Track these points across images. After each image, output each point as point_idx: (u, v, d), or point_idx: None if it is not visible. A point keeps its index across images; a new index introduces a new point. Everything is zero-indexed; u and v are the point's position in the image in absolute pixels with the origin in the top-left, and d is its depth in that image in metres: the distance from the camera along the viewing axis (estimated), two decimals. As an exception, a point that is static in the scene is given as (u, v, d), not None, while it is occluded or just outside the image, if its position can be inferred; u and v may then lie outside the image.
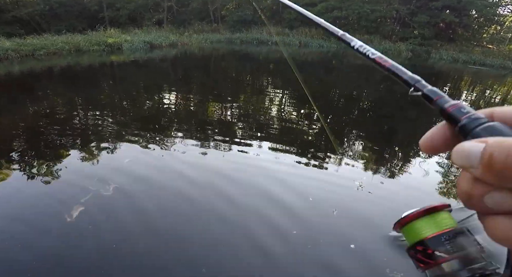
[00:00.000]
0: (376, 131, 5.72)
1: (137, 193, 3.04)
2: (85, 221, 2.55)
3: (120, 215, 2.69)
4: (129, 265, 2.17)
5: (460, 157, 0.18)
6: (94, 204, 2.78)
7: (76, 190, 3.03)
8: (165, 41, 16.72)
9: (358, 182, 3.25)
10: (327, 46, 20.47)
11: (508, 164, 0.15)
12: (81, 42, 14.08)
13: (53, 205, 2.82)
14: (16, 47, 12.04)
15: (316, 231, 2.48)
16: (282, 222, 2.57)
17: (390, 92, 9.44)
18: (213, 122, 5.56)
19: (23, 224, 2.54)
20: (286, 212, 2.71)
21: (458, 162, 0.18)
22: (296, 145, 4.61)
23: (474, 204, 0.18)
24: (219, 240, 2.38)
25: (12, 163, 3.65)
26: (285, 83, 10.11)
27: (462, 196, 0.19)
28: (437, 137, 0.22)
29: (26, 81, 8.59)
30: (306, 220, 2.62)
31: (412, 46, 20.15)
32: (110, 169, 3.57)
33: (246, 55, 15.91)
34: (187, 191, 3.11)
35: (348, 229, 2.50)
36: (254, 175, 3.50)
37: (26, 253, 2.20)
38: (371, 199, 2.97)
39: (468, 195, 0.18)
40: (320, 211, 2.74)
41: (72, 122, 5.27)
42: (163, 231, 2.52)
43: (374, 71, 13.77)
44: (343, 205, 2.85)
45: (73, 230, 2.46)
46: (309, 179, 3.45)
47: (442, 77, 13.24)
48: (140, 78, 9.68)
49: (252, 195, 3.05)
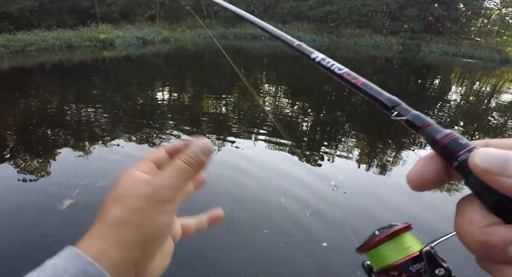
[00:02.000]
0: (355, 128, 5.88)
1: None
2: (75, 214, 2.57)
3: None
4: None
5: (487, 158, 0.15)
6: (85, 199, 2.77)
7: (67, 185, 3.02)
8: (158, 36, 16.61)
9: (334, 182, 3.20)
10: (320, 40, 20.62)
11: None
12: (73, 38, 13.91)
13: (43, 199, 2.84)
14: (5, 43, 11.85)
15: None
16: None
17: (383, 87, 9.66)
18: (206, 117, 5.65)
19: (15, 218, 2.57)
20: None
21: (484, 164, 0.15)
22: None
23: (492, 251, 0.14)
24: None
25: (2, 158, 3.63)
26: (278, 75, 10.24)
27: (476, 247, 0.15)
28: (428, 173, 0.19)
29: (17, 77, 8.52)
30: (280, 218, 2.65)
31: (402, 40, 20.44)
32: (101, 164, 3.54)
33: (240, 50, 15.96)
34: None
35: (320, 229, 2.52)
36: (240, 170, 3.55)
37: (17, 244, 2.25)
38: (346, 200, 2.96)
39: (486, 246, 0.14)
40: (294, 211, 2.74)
41: (64, 118, 5.21)
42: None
43: (365, 64, 14.00)
44: (315, 204, 2.81)
45: (64, 222, 2.49)
46: (291, 177, 3.60)
47: (432, 70, 13.53)
48: (133, 73, 9.69)
49: (235, 189, 3.09)
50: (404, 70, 12.74)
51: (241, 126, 5.16)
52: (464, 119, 6.24)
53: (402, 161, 4.06)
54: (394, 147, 4.60)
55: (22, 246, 2.25)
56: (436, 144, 0.19)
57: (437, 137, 0.19)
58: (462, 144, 0.18)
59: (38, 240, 2.31)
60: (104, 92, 7.27)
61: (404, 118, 0.22)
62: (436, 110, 6.99)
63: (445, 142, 0.19)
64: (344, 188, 3.11)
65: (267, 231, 2.45)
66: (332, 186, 3.16)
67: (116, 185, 0.29)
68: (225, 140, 4.40)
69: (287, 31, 23.05)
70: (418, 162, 0.20)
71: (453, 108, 7.18)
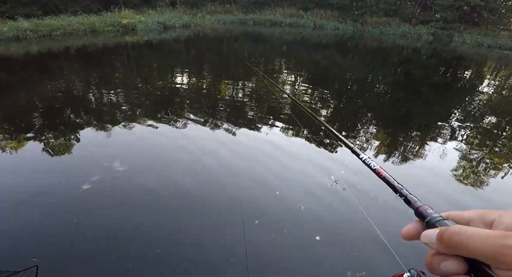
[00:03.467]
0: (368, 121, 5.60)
1: (145, 168, 3.14)
2: (96, 194, 2.64)
3: (128, 190, 2.79)
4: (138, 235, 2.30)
5: (426, 238, 0.29)
6: (105, 180, 2.85)
7: (89, 165, 3.14)
8: (178, 22, 16.62)
9: (333, 176, 3.04)
10: (343, 28, 19.81)
11: (450, 239, 0.26)
12: (96, 23, 14.19)
13: (66, 177, 2.94)
14: (34, 28, 12.28)
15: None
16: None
17: (407, 76, 9.17)
18: (224, 103, 5.60)
19: (38, 195, 2.65)
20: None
21: (424, 240, 0.29)
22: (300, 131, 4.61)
23: (434, 269, 0.28)
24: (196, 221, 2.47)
25: (29, 137, 3.81)
26: (297, 64, 9.97)
27: (427, 265, 0.29)
28: (413, 230, 0.32)
29: (44, 61, 8.82)
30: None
31: (433, 30, 19.21)
32: (121, 146, 3.65)
33: (259, 36, 15.67)
34: (196, 168, 3.22)
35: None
36: (253, 157, 3.53)
37: (39, 223, 2.32)
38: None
39: (430, 264, 0.28)
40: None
41: (87, 101, 5.41)
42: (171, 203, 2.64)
43: (391, 54, 13.33)
44: (309, 199, 2.68)
45: (85, 201, 2.56)
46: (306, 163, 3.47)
47: (463, 62, 12.68)
48: (153, 58, 9.76)
49: (246, 175, 3.09)
50: (432, 61, 12.01)
51: (258, 113, 5.08)
52: (494, 113, 5.80)
53: (422, 153, 3.84)
54: (415, 139, 4.35)
55: (43, 224, 2.33)
56: (416, 211, 0.33)
57: (417, 207, 0.33)
58: (429, 212, 0.32)
59: (60, 216, 2.38)
60: (125, 77, 7.38)
61: (403, 198, 0.36)
62: (465, 103, 6.55)
63: (421, 210, 0.33)
64: (350, 181, 2.97)
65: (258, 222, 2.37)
66: (337, 178, 3.03)
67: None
68: (242, 126, 4.34)
69: (308, 18, 22.38)
70: (407, 225, 0.33)
71: (483, 101, 6.69)
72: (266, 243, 2.15)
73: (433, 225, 0.30)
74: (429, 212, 0.32)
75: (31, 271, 1.65)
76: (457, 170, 3.45)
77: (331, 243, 2.20)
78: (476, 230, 0.25)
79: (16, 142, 3.65)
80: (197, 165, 3.17)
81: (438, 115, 5.46)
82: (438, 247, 0.27)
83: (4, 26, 12.17)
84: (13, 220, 2.26)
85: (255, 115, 4.89)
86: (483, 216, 0.29)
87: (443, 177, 3.25)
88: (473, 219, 0.30)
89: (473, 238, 0.24)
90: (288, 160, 3.38)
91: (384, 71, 9.63)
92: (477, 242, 0.24)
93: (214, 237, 2.18)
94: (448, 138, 4.34)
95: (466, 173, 3.40)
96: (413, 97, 6.73)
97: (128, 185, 2.79)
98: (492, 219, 0.28)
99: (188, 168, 3.11)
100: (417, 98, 6.69)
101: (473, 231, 0.25)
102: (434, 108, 5.86)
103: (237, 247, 2.10)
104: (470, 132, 4.70)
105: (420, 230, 0.31)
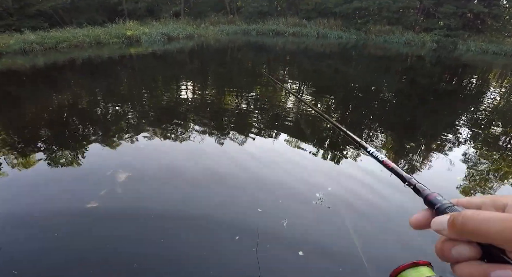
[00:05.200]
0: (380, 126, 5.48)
1: (153, 179, 3.07)
2: (104, 207, 2.59)
3: (137, 200, 2.71)
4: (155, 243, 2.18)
5: (436, 224, 0.28)
6: (113, 191, 2.81)
7: (96, 177, 3.10)
8: (182, 33, 16.78)
9: (319, 194, 2.78)
10: (346, 37, 19.87)
11: (463, 224, 0.25)
12: (101, 35, 14.36)
13: (74, 189, 2.90)
14: (40, 40, 12.45)
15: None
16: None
17: (411, 84, 9.06)
18: (229, 113, 5.52)
19: (45, 207, 2.61)
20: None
21: (435, 227, 0.28)
22: (310, 138, 4.50)
23: (445, 256, 0.27)
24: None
25: (36, 150, 3.77)
26: (301, 73, 9.92)
27: (437, 251, 0.28)
28: (422, 219, 0.31)
29: (50, 73, 8.87)
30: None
31: (437, 37, 19.18)
32: (128, 157, 3.62)
33: (262, 47, 15.73)
34: (204, 178, 3.11)
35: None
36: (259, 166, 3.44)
37: (43, 234, 2.27)
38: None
39: (441, 250, 0.27)
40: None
41: (93, 112, 5.39)
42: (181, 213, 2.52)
43: (396, 62, 13.27)
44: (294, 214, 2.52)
45: (93, 213, 2.50)
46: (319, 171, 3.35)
47: (469, 69, 12.55)
48: (158, 69, 9.78)
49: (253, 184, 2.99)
50: (437, 69, 11.91)
51: (264, 122, 4.98)
52: (503, 120, 5.65)
53: (428, 162, 3.69)
54: (422, 146, 4.20)
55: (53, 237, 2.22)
56: (426, 198, 0.32)
57: (426, 195, 0.33)
58: (438, 199, 0.31)
59: (68, 229, 2.29)
60: (130, 88, 7.37)
61: (412, 187, 0.36)
62: (472, 110, 6.40)
63: (430, 198, 0.32)
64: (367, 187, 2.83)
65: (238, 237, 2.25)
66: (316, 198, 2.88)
67: None
68: (247, 135, 4.24)
69: (311, 27, 22.56)
70: (417, 213, 0.32)
71: (490, 108, 6.54)
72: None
73: (443, 211, 0.29)
74: (438, 199, 0.31)
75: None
76: (464, 179, 3.31)
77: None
78: (489, 214, 0.24)
79: (21, 153, 3.59)
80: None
81: (443, 123, 5.33)
82: (450, 233, 0.26)
83: (11, 39, 12.35)
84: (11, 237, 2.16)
85: (263, 123, 4.79)
86: (494, 200, 0.28)
87: (451, 184, 3.10)
88: (485, 203, 0.29)
89: (488, 222, 0.23)
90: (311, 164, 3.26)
91: (389, 79, 9.52)
92: (492, 225, 0.23)
93: (196, 252, 2.07)
94: (454, 146, 4.21)
95: (474, 183, 3.26)
96: (418, 105, 6.60)
97: (134, 197, 2.69)
98: (505, 203, 0.27)
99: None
100: (422, 105, 6.56)
101: (486, 214, 0.24)
102: (439, 116, 5.73)
103: (221, 262, 1.97)
104: (476, 141, 4.56)
105: (430, 218, 0.30)
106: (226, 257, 2.08)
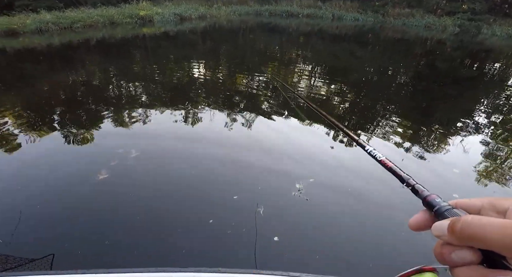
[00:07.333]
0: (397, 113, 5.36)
1: (160, 157, 3.16)
2: (112, 179, 2.68)
3: (143, 176, 2.80)
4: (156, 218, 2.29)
5: (437, 230, 0.27)
6: (121, 166, 2.90)
7: (107, 152, 3.21)
8: (195, 13, 16.59)
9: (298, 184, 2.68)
10: (363, 19, 19.13)
11: (462, 230, 0.24)
12: (115, 15, 14.36)
13: (85, 163, 3.01)
14: (55, 20, 12.57)
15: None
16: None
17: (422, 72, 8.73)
18: (240, 94, 5.53)
19: (58, 179, 2.73)
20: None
21: (436, 233, 0.27)
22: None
23: (445, 260, 0.26)
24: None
25: (51, 125, 3.92)
26: (315, 55, 9.72)
27: (437, 255, 0.27)
28: (421, 220, 0.31)
29: (65, 52, 9.03)
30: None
31: (460, 21, 18.18)
32: (138, 134, 3.69)
33: (275, 28, 15.38)
34: (212, 159, 3.18)
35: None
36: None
37: (56, 202, 2.40)
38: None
39: (440, 254, 0.27)
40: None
41: (106, 91, 5.51)
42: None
43: (415, 46, 12.76)
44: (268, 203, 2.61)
45: (102, 185, 2.60)
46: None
47: (492, 54, 11.95)
48: (170, 50, 9.78)
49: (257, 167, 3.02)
50: (458, 53, 11.40)
51: (271, 104, 4.98)
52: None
53: (443, 148, 3.64)
54: (435, 133, 4.12)
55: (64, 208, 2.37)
56: (424, 200, 0.32)
57: (425, 196, 0.32)
58: (437, 201, 0.30)
59: (77, 201, 2.43)
60: (143, 68, 7.44)
61: (410, 188, 0.35)
62: (493, 97, 6.17)
63: (429, 199, 0.31)
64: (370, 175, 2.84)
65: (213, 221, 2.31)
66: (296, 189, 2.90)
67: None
68: (255, 116, 4.27)
69: (327, 9, 21.78)
70: (416, 214, 0.32)
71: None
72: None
73: (442, 214, 0.29)
74: (437, 201, 0.30)
75: (48, 259, 1.66)
76: (481, 169, 3.23)
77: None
78: (490, 220, 0.23)
79: (38, 130, 3.75)
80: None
81: (462, 109, 5.17)
82: (450, 239, 0.26)
83: (28, 18, 12.53)
84: (28, 209, 2.31)
85: (269, 105, 4.79)
86: (495, 204, 0.28)
87: (465, 174, 3.06)
88: (484, 207, 0.28)
89: (488, 229, 0.23)
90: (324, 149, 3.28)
91: (406, 63, 9.21)
92: (493, 232, 0.22)
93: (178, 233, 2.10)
94: (472, 133, 4.10)
95: (490, 173, 3.19)
96: (435, 90, 6.41)
97: (143, 172, 2.80)
98: (506, 207, 0.27)
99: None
100: (440, 91, 6.36)
101: (487, 221, 0.23)
102: (458, 102, 5.55)
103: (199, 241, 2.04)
104: (496, 129, 4.42)
105: (429, 219, 0.30)
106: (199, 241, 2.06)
